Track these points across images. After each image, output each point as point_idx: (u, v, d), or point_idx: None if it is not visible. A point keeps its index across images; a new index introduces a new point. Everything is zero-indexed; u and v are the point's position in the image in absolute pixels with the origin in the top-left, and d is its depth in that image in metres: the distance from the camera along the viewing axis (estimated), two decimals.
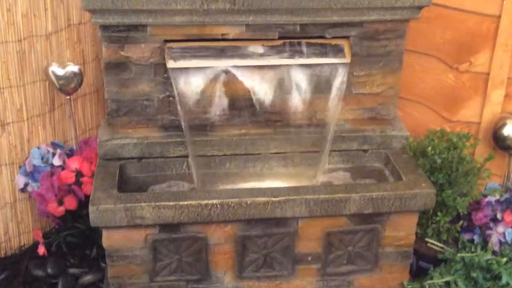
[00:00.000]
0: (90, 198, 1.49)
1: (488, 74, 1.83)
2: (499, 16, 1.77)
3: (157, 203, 1.47)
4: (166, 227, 1.51)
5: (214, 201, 1.48)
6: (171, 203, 1.47)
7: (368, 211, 1.55)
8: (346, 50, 1.64)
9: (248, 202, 1.49)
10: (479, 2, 1.79)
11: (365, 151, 1.75)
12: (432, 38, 1.89)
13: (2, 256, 1.86)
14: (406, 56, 1.74)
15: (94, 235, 1.82)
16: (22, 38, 1.75)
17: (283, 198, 1.50)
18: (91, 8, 1.49)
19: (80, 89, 1.87)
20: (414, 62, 1.94)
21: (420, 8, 1.60)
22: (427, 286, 1.66)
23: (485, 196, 1.78)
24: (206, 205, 1.48)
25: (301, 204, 1.51)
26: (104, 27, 1.54)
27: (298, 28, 1.59)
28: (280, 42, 1.60)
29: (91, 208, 1.47)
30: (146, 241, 1.53)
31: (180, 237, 1.53)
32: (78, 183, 1.76)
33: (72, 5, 1.84)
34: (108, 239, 1.52)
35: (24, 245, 1.90)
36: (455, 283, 1.64)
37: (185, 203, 1.47)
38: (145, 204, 1.47)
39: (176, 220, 1.49)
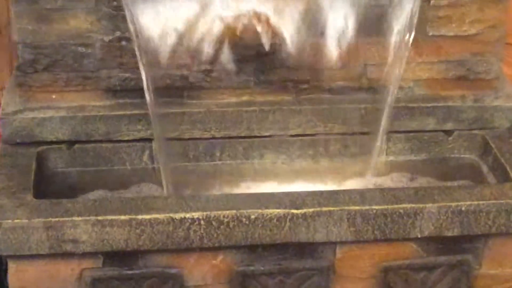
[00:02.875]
0: None
1: None
2: None
3: (99, 218, 1.46)
4: (114, 257, 1.52)
5: (196, 215, 1.47)
6: (123, 218, 1.47)
7: (453, 232, 1.55)
8: None
9: (252, 217, 1.48)
10: None
11: (448, 132, 1.77)
12: None
13: None
14: None
15: None
16: None
17: (311, 210, 1.50)
18: None
19: None
20: None
21: None
22: None
23: None
24: (182, 221, 1.48)
25: (342, 220, 1.51)
26: None
27: None
28: None
29: None
30: (82, 281, 1.53)
31: (138, 274, 1.54)
32: None
33: None
34: (18, 277, 1.52)
35: None
36: None
37: (147, 217, 1.47)
38: (80, 218, 1.46)
39: (131, 246, 1.49)
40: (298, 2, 1.63)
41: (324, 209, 1.50)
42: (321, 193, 1.56)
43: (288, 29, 1.64)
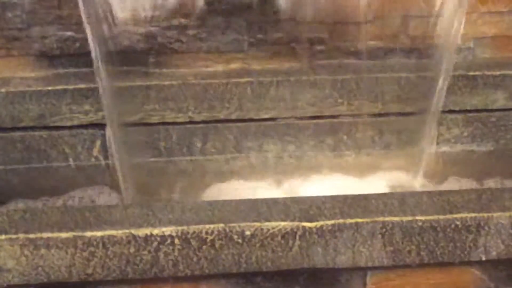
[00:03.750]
0: None
1: None
2: None
3: (31, 236, 1.47)
4: None
5: (167, 231, 1.49)
6: (65, 236, 1.48)
7: None
8: None
9: (247, 233, 1.49)
10: None
11: None
12: None
13: None
14: None
15: None
16: None
17: (330, 222, 1.51)
18: None
19: None
20: None
21: None
22: None
23: None
24: (148, 239, 1.49)
25: (373, 236, 1.51)
26: None
27: None
28: None
29: None
30: None
31: None
32: None
33: None
34: None
35: None
36: None
37: (99, 234, 1.48)
38: (4, 237, 1.47)
39: (76, 275, 1.50)
40: None
41: (349, 221, 1.51)
42: (344, 198, 1.57)
43: None
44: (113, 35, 1.67)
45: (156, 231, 1.50)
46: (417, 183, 1.74)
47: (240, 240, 1.51)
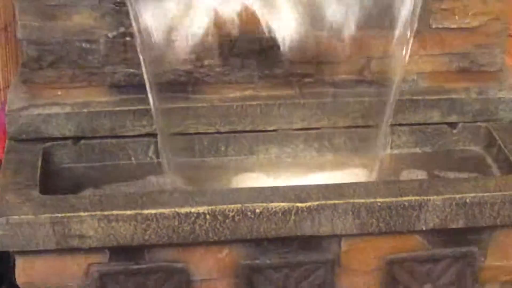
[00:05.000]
0: None
1: None
2: None
3: (105, 213, 1.47)
4: (121, 252, 1.52)
5: (201, 209, 1.48)
6: (129, 213, 1.47)
7: (458, 224, 1.55)
8: None
9: (257, 211, 1.49)
10: None
11: (452, 125, 1.77)
12: None
13: None
14: None
15: (2, 265, 1.82)
16: None
17: (316, 203, 1.50)
18: None
19: None
20: None
21: None
22: None
23: None
24: (187, 215, 1.48)
25: (346, 213, 1.51)
26: None
27: None
28: None
29: None
30: (89, 275, 1.53)
31: (144, 269, 1.54)
32: None
33: None
34: (26, 272, 1.52)
35: None
36: None
37: (153, 212, 1.47)
38: (86, 214, 1.47)
39: (137, 240, 1.49)
40: None
41: (329, 202, 1.50)
42: (326, 186, 1.56)
43: (291, 22, 1.64)
44: (162, 71, 1.67)
45: (193, 210, 1.50)
46: (377, 176, 1.73)
47: (252, 216, 1.51)
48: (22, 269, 1.52)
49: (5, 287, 1.84)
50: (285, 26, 1.65)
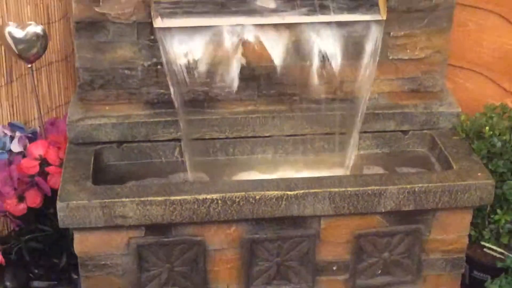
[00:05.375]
0: (58, 193, 1.50)
1: None
2: None
3: (142, 199, 1.47)
4: (153, 228, 1.52)
5: (214, 196, 1.48)
6: (160, 199, 1.48)
7: (409, 207, 1.55)
8: (381, 3, 1.62)
9: (257, 197, 1.49)
10: None
11: (405, 132, 1.75)
12: None
13: None
14: (458, 12, 1.72)
15: (63, 239, 1.81)
16: None
17: (301, 191, 1.50)
18: None
19: (44, 55, 1.86)
20: (468, 19, 1.92)
21: None
22: None
23: None
24: (204, 200, 1.48)
25: (324, 199, 1.51)
26: None
27: None
28: None
29: (59, 205, 1.47)
30: (129, 246, 1.53)
31: (171, 241, 1.54)
32: (43, 173, 1.74)
33: None
34: (81, 244, 1.53)
35: None
36: None
37: (178, 198, 1.48)
38: (127, 199, 1.47)
39: (166, 219, 1.49)
40: (291, 33, 1.64)
41: (312, 190, 1.51)
42: (309, 178, 1.57)
43: (282, 56, 1.65)
44: (185, 91, 1.66)
45: (208, 196, 1.50)
46: (348, 171, 1.73)
47: (253, 201, 1.50)
48: (79, 242, 1.53)
49: (66, 256, 1.84)
50: (277, 57, 1.65)
